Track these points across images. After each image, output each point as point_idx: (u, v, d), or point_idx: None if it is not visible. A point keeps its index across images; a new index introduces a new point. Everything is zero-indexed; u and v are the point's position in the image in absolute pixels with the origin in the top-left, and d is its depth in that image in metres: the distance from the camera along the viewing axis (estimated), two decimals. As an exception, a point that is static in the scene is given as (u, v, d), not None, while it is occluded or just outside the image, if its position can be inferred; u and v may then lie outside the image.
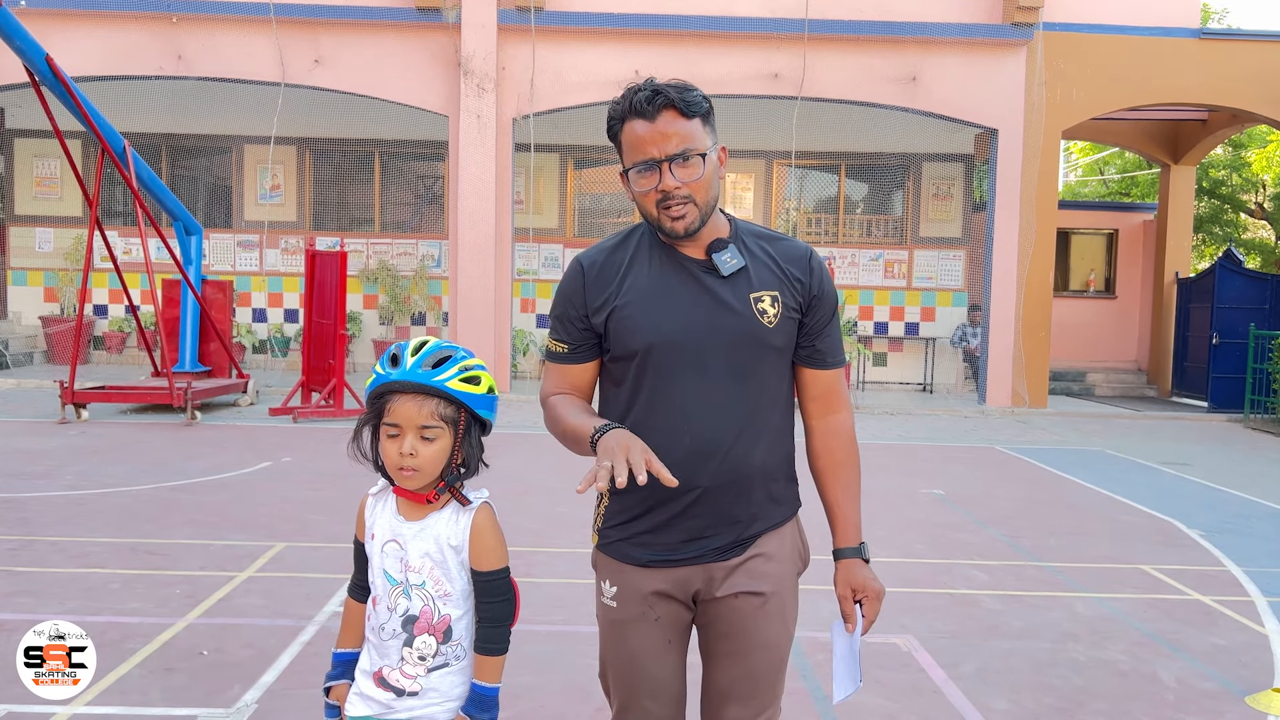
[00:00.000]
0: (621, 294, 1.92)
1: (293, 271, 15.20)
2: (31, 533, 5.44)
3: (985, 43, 12.92)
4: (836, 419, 2.04)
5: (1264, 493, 7.97)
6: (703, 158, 1.84)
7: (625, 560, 1.97)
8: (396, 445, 1.76)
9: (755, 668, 1.96)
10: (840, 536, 2.01)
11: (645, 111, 1.82)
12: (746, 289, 1.91)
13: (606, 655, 2.03)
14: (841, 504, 2.01)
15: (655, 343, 1.87)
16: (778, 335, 1.92)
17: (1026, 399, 13.27)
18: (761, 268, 1.94)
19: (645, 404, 1.91)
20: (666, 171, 1.82)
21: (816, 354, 2.00)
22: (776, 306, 1.92)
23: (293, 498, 6.55)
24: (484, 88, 12.63)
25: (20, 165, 15.46)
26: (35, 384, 12.54)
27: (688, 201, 1.84)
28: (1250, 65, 12.99)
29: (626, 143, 1.86)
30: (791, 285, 1.95)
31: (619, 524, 1.98)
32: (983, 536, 6.11)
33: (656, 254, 1.94)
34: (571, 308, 1.96)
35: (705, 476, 1.89)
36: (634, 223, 2.07)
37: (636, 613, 1.96)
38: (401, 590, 1.82)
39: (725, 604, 1.95)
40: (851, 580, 1.97)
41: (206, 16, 12.65)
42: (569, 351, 1.98)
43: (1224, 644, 4.24)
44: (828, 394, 2.03)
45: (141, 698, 3.32)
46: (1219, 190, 20.51)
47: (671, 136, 1.81)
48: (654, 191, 1.84)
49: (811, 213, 16.02)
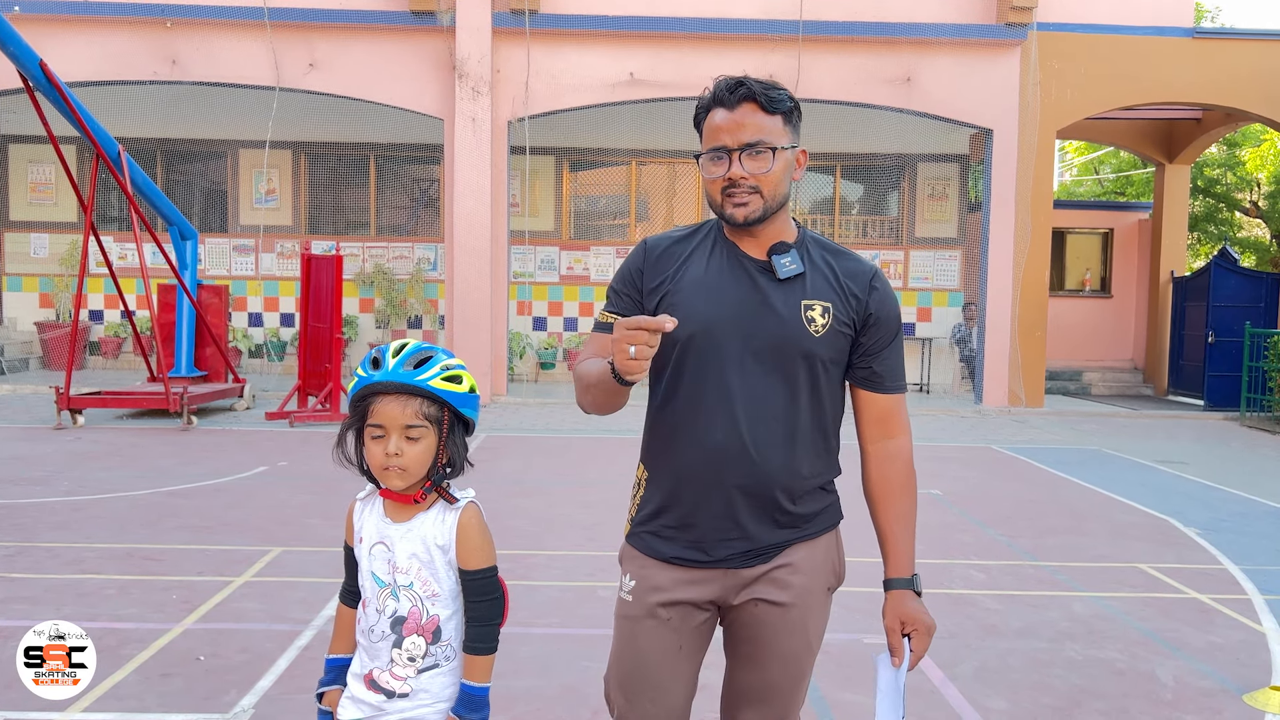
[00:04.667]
0: (675, 280, 1.94)
1: (288, 276, 15.19)
2: (27, 538, 5.42)
3: (979, 43, 12.94)
4: (894, 444, 1.99)
5: (1261, 490, 7.98)
6: (773, 152, 1.85)
7: (649, 554, 1.96)
8: (382, 446, 1.76)
9: (772, 678, 1.95)
10: (892, 566, 1.95)
11: (726, 101, 1.86)
12: (799, 295, 1.90)
13: (615, 654, 2.00)
14: (895, 532, 1.96)
15: (696, 332, 1.87)
16: (823, 346, 1.89)
17: (1023, 398, 13.28)
18: (819, 277, 1.93)
19: (684, 394, 1.91)
20: (736, 160, 1.84)
21: (875, 376, 1.97)
22: (827, 318, 1.90)
23: (289, 502, 6.54)
24: (479, 91, 12.63)
25: (15, 171, 15.44)
26: (31, 389, 12.52)
27: (754, 192, 1.86)
28: (1244, 64, 13.02)
29: (706, 130, 1.90)
30: (847, 300, 1.92)
31: (649, 515, 1.98)
32: (980, 536, 6.11)
33: (719, 249, 1.95)
34: (629, 284, 1.98)
35: (736, 475, 1.88)
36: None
37: (648, 610, 1.94)
38: (390, 592, 1.82)
39: (745, 610, 1.93)
40: (902, 613, 1.91)
41: (200, 21, 12.63)
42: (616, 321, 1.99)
43: (1221, 642, 4.24)
44: (885, 418, 1.99)
45: (138, 703, 3.32)
46: (1214, 189, 20.54)
47: (746, 127, 1.84)
48: (721, 179, 1.86)
49: (807, 214, 16.03)
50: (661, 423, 1.96)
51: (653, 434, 1.99)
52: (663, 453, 1.96)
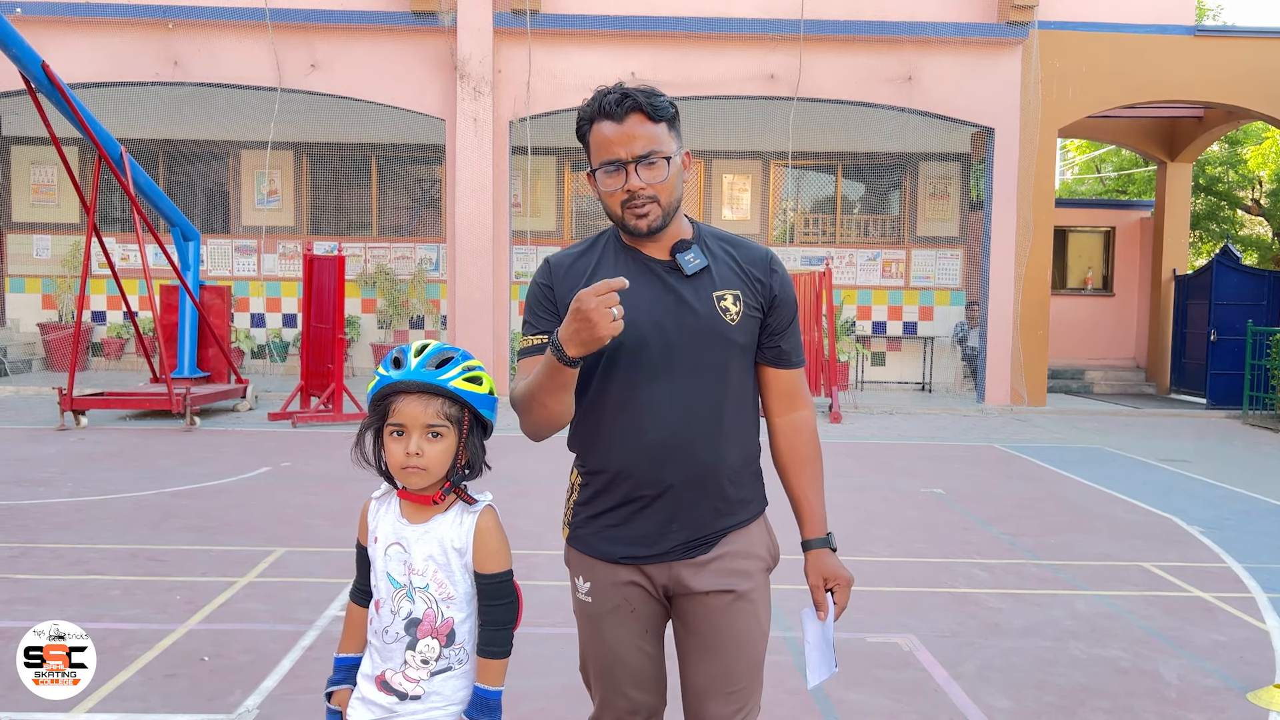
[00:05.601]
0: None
1: (291, 276, 15.20)
2: (31, 539, 5.43)
3: (981, 42, 12.94)
4: (800, 415, 2.09)
5: (1263, 489, 7.97)
6: (667, 160, 1.90)
7: (595, 555, 2.01)
8: (402, 445, 1.77)
9: (730, 665, 1.98)
10: (809, 528, 2.06)
11: (614, 113, 1.88)
12: (710, 288, 1.96)
13: (586, 649, 2.09)
14: (808, 496, 2.07)
15: (623, 342, 1.89)
16: (740, 333, 1.96)
17: (1025, 397, 13.28)
18: (724, 268, 2.00)
19: (614, 402, 1.95)
20: (632, 172, 1.88)
21: (781, 354, 2.05)
22: (738, 305, 1.96)
23: (292, 502, 6.54)
24: (480, 91, 12.64)
25: (17, 172, 15.46)
26: (34, 391, 12.54)
27: (652, 201, 1.90)
28: (1245, 62, 13.01)
29: (594, 143, 1.92)
30: (753, 285, 2.00)
31: (588, 517, 2.02)
32: (983, 535, 6.11)
33: (622, 257, 1.99)
34: (544, 304, 2.00)
35: (673, 473, 1.93)
36: (602, 230, 2.09)
37: (611, 605, 2.00)
38: (404, 593, 1.82)
39: (696, 601, 1.99)
40: (823, 569, 2.03)
41: (202, 22, 12.64)
42: (547, 341, 1.98)
43: (1225, 640, 4.24)
44: (791, 392, 2.08)
45: (142, 704, 3.32)
46: (1215, 187, 20.53)
47: (638, 138, 1.87)
48: (620, 191, 1.90)
49: (809, 213, 16.03)
50: (593, 427, 1.99)
51: (585, 439, 2.02)
52: (598, 456, 1.99)
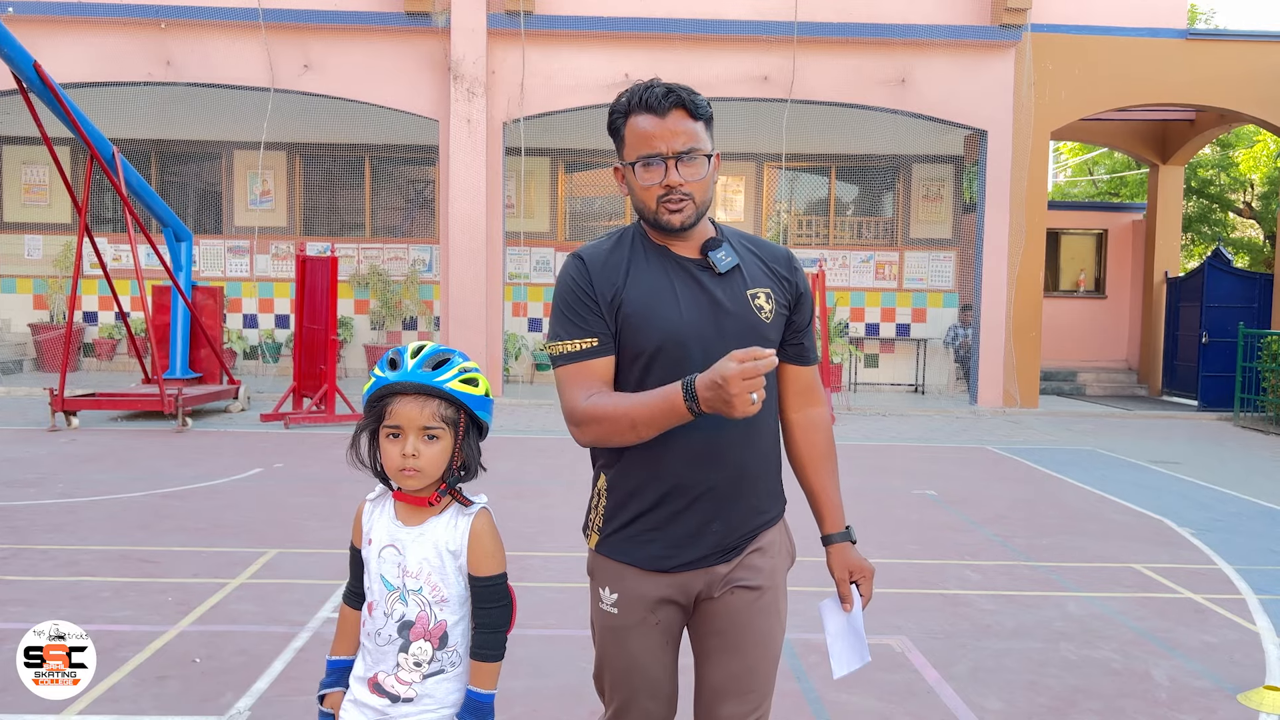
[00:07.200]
0: (627, 289, 1.91)
1: (283, 277, 15.17)
2: (22, 541, 5.41)
3: (974, 44, 12.97)
4: (817, 411, 2.11)
5: (1254, 490, 8.00)
6: (707, 159, 1.90)
7: (628, 562, 1.96)
8: (398, 447, 1.76)
9: (751, 662, 1.97)
10: (829, 523, 2.08)
11: (656, 107, 1.87)
12: (742, 286, 1.95)
13: (603, 659, 2.03)
14: (828, 491, 2.08)
15: (664, 344, 1.88)
16: (774, 330, 1.98)
17: (1018, 399, 13.32)
18: (752, 267, 2.00)
19: None
20: (672, 168, 1.87)
21: (803, 350, 2.08)
22: (771, 303, 1.97)
23: (285, 504, 6.53)
24: (474, 92, 12.63)
25: (8, 172, 15.40)
26: (25, 391, 12.49)
27: (687, 199, 1.89)
28: (1237, 65, 13.07)
29: (631, 136, 1.89)
30: (780, 283, 2.01)
31: (623, 523, 1.96)
32: (975, 536, 6.12)
33: (652, 255, 1.96)
34: (586, 302, 1.90)
35: (715, 473, 1.92)
36: (624, 225, 2.08)
37: (638, 619, 1.96)
38: (398, 595, 1.81)
39: (721, 599, 1.97)
40: (847, 563, 2.05)
41: (195, 22, 12.62)
42: (600, 344, 1.89)
43: (1216, 642, 4.26)
44: (809, 388, 2.10)
45: (134, 706, 3.31)
46: (1207, 190, 20.61)
47: (680, 134, 1.86)
48: (658, 186, 1.88)
49: (802, 215, 16.05)
50: None
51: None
52: (634, 461, 1.92)
